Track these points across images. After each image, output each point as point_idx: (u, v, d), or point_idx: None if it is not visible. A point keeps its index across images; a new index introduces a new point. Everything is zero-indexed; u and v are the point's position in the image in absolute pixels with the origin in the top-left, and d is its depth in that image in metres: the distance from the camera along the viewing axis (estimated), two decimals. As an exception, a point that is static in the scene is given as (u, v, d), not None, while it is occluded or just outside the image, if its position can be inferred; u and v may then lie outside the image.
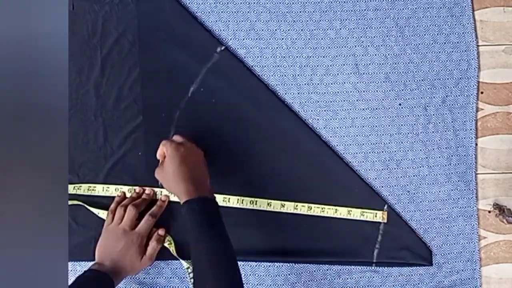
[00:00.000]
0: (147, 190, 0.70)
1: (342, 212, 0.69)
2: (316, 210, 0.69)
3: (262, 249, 0.69)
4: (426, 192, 0.70)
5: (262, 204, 0.69)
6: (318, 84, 0.71)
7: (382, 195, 0.70)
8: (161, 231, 0.68)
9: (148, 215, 0.67)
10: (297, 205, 0.69)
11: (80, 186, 0.70)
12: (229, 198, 0.69)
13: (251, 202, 0.69)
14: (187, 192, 0.59)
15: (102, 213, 0.68)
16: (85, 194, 0.70)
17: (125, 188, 0.70)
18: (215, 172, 0.69)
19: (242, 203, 0.69)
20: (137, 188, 0.70)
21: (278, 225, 0.69)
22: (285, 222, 0.69)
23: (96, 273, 0.61)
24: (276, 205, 0.69)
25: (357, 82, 0.70)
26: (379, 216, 0.69)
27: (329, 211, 0.69)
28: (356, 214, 0.69)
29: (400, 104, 0.70)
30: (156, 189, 0.70)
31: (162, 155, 0.63)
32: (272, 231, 0.70)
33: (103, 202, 0.69)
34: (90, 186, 0.70)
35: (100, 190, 0.70)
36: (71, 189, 0.70)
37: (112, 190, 0.70)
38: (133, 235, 0.65)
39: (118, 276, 0.63)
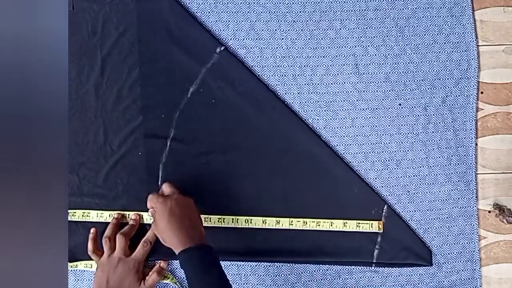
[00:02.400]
0: (133, 215, 0.69)
1: (337, 225, 0.69)
2: (311, 224, 0.69)
3: (262, 249, 0.69)
4: (426, 192, 0.70)
5: (257, 222, 0.69)
6: (318, 84, 0.71)
7: (382, 195, 0.70)
8: (163, 264, 0.68)
9: (143, 241, 0.66)
10: (292, 221, 0.69)
11: (75, 212, 0.69)
12: (223, 219, 0.69)
13: (246, 221, 0.69)
14: (180, 243, 0.59)
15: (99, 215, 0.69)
16: (80, 220, 0.70)
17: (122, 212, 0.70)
18: (214, 173, 0.70)
19: (237, 222, 0.69)
20: (115, 213, 0.69)
21: (278, 233, 0.69)
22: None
23: None
24: (271, 222, 0.69)
25: (357, 82, 0.70)
26: (375, 226, 0.69)
27: (325, 224, 0.69)
28: (351, 226, 0.69)
29: (400, 104, 0.70)
30: (142, 213, 0.69)
31: (152, 210, 0.64)
32: (272, 230, 0.70)
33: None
34: (84, 212, 0.70)
35: (94, 216, 0.69)
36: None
37: (106, 216, 0.69)
38: (130, 261, 0.65)
39: None
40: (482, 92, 0.71)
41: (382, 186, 0.70)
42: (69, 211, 0.69)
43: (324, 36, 0.71)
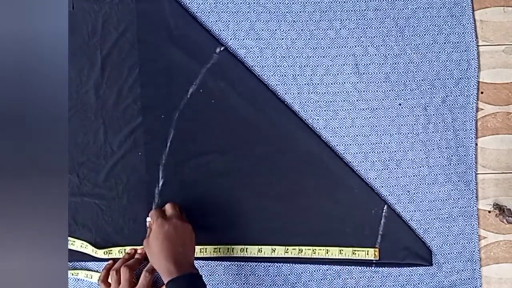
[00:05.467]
0: (139, 249, 0.69)
1: (333, 252, 0.69)
2: (307, 252, 0.68)
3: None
4: (426, 192, 0.70)
5: (252, 250, 0.69)
6: (318, 84, 0.71)
7: (382, 195, 0.70)
8: None
9: (144, 271, 0.65)
10: (287, 249, 0.69)
11: (74, 241, 0.69)
12: (219, 248, 0.69)
13: (241, 250, 0.69)
14: (168, 272, 0.59)
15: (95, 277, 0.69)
16: (77, 250, 0.69)
17: (115, 250, 0.69)
18: (214, 173, 0.70)
19: (232, 251, 0.69)
20: (128, 249, 0.69)
21: (278, 225, 0.70)
22: (285, 223, 0.69)
23: None
24: (267, 251, 0.69)
25: (357, 82, 0.70)
26: (371, 254, 0.69)
27: (320, 252, 0.69)
28: (347, 253, 0.69)
29: (400, 104, 0.70)
30: None
31: (149, 226, 0.65)
32: (272, 231, 0.70)
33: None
34: (82, 244, 0.69)
35: (90, 251, 0.69)
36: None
37: (100, 253, 0.69)
38: None
39: None
40: (482, 92, 0.71)
41: (382, 186, 0.70)
42: (69, 239, 0.69)
43: (324, 36, 0.71)
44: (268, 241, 0.69)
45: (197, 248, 0.68)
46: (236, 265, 0.70)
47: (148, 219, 0.67)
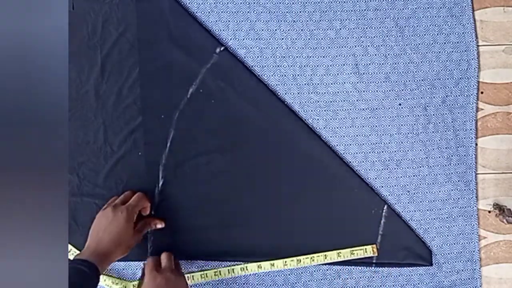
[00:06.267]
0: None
1: (332, 257, 0.69)
2: (306, 261, 0.69)
3: (266, 251, 0.69)
4: (426, 192, 0.70)
5: (252, 268, 0.69)
6: (318, 84, 0.71)
7: (382, 195, 0.70)
8: (159, 225, 0.67)
9: (136, 195, 0.66)
10: (286, 261, 0.69)
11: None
12: (220, 271, 0.69)
13: (242, 269, 0.69)
14: None
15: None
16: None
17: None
18: (214, 173, 0.70)
19: (232, 272, 0.69)
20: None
21: (278, 225, 0.70)
22: (285, 223, 0.69)
23: (77, 263, 0.58)
24: (266, 266, 0.69)
25: (357, 82, 0.70)
26: (369, 251, 0.69)
27: (319, 258, 0.69)
28: (346, 254, 0.69)
29: (400, 104, 0.70)
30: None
31: (142, 271, 0.65)
32: (272, 230, 0.70)
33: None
34: None
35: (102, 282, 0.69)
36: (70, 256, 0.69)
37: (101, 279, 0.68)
38: (121, 208, 0.63)
39: (106, 258, 0.61)
40: (482, 92, 0.71)
41: (382, 186, 0.70)
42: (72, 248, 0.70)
43: (324, 36, 0.71)
44: (268, 241, 0.69)
45: (198, 274, 0.69)
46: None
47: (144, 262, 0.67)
